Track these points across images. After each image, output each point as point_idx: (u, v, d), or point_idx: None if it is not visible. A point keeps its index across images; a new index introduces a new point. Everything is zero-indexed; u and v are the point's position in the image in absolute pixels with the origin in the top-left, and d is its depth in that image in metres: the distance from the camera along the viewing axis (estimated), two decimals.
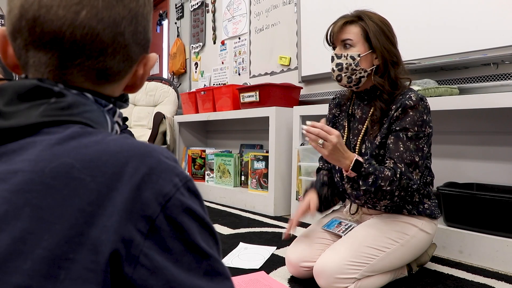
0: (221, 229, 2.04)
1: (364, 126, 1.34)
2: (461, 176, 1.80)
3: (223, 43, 3.51)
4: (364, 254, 1.18)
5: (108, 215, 0.35)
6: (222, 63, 3.53)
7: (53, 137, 0.38)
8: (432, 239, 1.35)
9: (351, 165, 1.17)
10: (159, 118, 3.25)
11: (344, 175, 1.21)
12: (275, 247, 1.69)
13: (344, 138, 1.39)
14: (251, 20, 3.18)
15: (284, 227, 2.08)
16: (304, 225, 2.09)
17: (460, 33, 1.76)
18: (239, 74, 3.32)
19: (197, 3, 3.80)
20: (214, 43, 3.63)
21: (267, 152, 2.54)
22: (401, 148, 1.20)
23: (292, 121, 2.38)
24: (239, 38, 3.32)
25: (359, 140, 1.34)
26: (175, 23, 4.18)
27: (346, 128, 1.41)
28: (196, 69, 3.92)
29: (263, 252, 1.62)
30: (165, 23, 4.53)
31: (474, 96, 1.54)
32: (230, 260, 1.53)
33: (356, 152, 1.32)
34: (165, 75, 4.51)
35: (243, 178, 2.83)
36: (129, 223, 0.35)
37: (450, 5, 1.79)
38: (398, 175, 1.17)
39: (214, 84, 3.61)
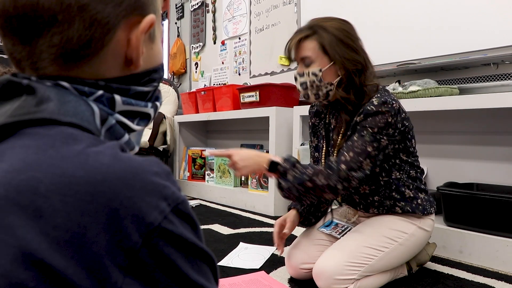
0: (221, 229, 2.04)
1: (339, 137, 1.28)
2: (461, 176, 1.80)
3: (223, 43, 3.51)
4: (363, 255, 1.18)
5: (77, 244, 0.30)
6: (222, 63, 3.53)
7: (31, 143, 0.34)
8: (430, 236, 1.34)
9: (267, 167, 1.17)
10: (159, 118, 3.25)
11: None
12: (275, 247, 1.68)
13: (324, 149, 1.36)
14: (251, 20, 3.18)
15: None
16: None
17: (460, 33, 1.76)
18: (239, 74, 3.32)
19: (197, 3, 3.80)
20: (214, 43, 3.63)
21: (267, 152, 2.54)
22: (355, 138, 1.16)
23: (292, 121, 2.38)
24: (239, 38, 3.32)
25: (335, 152, 1.28)
26: (175, 23, 4.18)
27: (324, 139, 1.37)
28: (196, 69, 3.92)
29: (263, 252, 1.62)
30: (165, 23, 4.53)
31: (474, 96, 1.54)
32: (230, 260, 1.53)
33: None
34: (165, 75, 4.51)
35: (243, 178, 2.83)
36: (105, 257, 0.30)
37: (450, 5, 1.79)
38: (326, 171, 1.13)
39: (214, 84, 3.61)
